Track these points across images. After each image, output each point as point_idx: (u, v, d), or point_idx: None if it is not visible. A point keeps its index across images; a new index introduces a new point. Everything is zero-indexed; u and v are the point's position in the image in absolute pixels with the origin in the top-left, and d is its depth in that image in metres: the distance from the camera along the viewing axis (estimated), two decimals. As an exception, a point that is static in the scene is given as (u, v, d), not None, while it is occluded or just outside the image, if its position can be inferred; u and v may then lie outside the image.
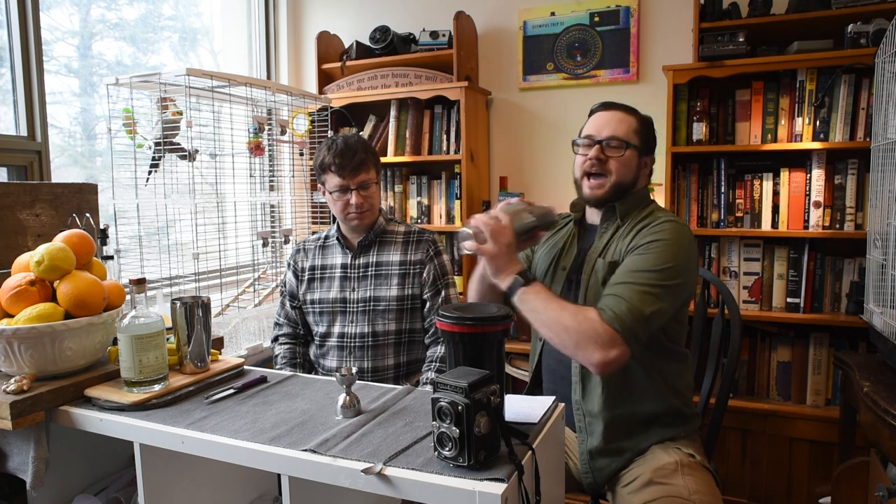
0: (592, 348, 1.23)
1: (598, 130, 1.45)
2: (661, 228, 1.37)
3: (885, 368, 1.68)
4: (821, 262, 2.23)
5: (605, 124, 1.45)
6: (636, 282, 1.29)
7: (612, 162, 1.43)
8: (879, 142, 1.76)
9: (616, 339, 1.23)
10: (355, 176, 1.74)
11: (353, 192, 1.74)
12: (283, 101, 2.41)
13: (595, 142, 1.45)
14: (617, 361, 1.25)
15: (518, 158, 2.85)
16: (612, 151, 1.43)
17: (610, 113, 1.47)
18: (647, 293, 1.27)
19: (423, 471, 0.93)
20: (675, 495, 1.27)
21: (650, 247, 1.34)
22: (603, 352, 1.23)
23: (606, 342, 1.23)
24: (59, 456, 1.34)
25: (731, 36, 2.20)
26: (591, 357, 1.24)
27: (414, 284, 1.79)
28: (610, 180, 1.44)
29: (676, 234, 1.35)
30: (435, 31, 2.74)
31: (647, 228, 1.39)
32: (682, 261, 1.33)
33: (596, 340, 1.23)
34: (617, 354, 1.24)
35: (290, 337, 1.92)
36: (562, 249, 1.54)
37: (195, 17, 2.91)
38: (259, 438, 1.06)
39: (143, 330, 1.21)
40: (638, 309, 1.25)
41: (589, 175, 1.46)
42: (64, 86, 2.27)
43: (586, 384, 1.41)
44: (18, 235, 1.56)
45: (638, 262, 1.33)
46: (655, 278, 1.29)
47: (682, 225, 1.39)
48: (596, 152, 1.43)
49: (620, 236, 1.42)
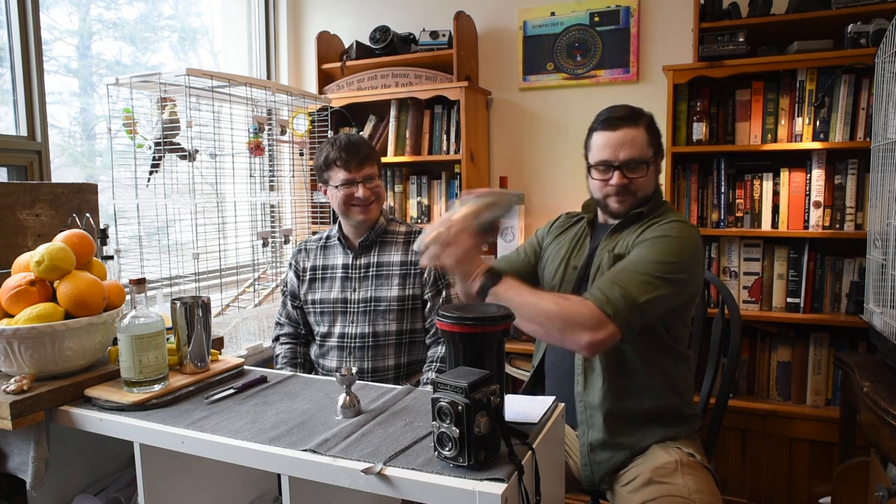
0: (580, 330, 1.21)
1: (614, 154, 1.42)
2: (671, 226, 1.37)
3: (885, 368, 1.68)
4: (821, 262, 2.23)
5: (619, 146, 1.41)
6: (635, 269, 1.29)
7: (636, 182, 1.43)
8: (879, 142, 1.76)
9: (603, 320, 1.21)
10: (361, 169, 1.75)
11: (359, 184, 1.75)
12: (283, 101, 2.41)
13: (614, 167, 1.42)
14: (605, 342, 1.23)
15: (518, 158, 2.85)
16: (634, 173, 1.42)
17: (620, 133, 1.42)
18: (644, 282, 1.26)
19: (423, 471, 0.93)
20: (674, 494, 1.27)
21: (656, 241, 1.34)
22: (591, 333, 1.21)
23: (594, 323, 1.21)
24: (59, 456, 1.34)
25: (731, 36, 2.20)
26: (579, 339, 1.22)
27: (415, 285, 1.79)
28: (635, 197, 1.44)
29: (684, 232, 1.36)
30: (435, 31, 2.74)
31: (655, 225, 1.39)
32: (686, 258, 1.33)
33: (582, 323, 1.21)
34: (605, 335, 1.21)
35: (291, 337, 1.92)
36: (573, 248, 1.55)
37: (195, 16, 2.91)
38: (259, 438, 1.06)
39: (143, 330, 1.21)
40: (631, 295, 1.24)
41: (614, 195, 1.45)
42: (64, 86, 2.27)
43: (588, 376, 1.41)
44: (18, 235, 1.56)
45: (641, 254, 1.33)
46: (656, 269, 1.28)
47: (691, 226, 1.40)
48: (619, 179, 1.42)
49: (630, 232, 1.43)
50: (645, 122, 1.45)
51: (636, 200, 1.45)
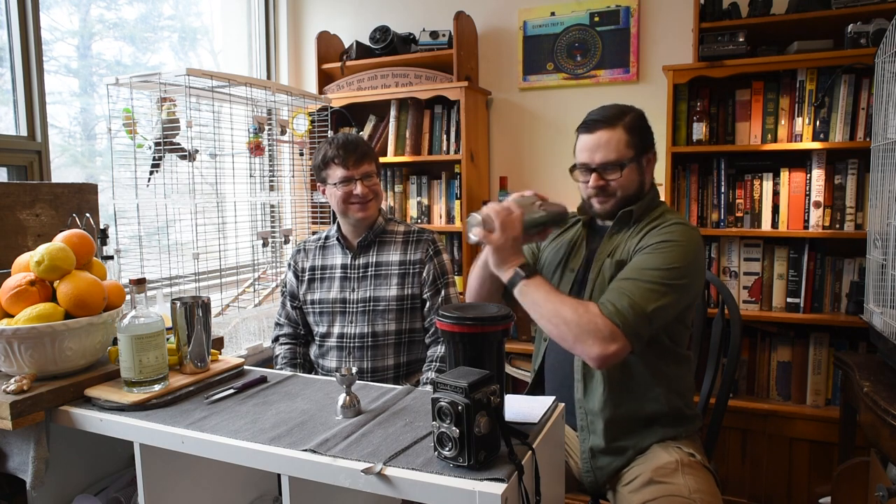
0: (592, 342, 1.23)
1: (591, 157, 1.43)
2: (672, 230, 1.37)
3: (885, 368, 1.68)
4: (821, 262, 2.23)
5: (595, 149, 1.42)
6: (641, 279, 1.29)
7: (613, 183, 1.43)
8: (879, 142, 1.76)
9: (616, 334, 1.23)
10: (359, 166, 1.75)
11: (357, 181, 1.75)
12: (283, 101, 2.41)
13: (591, 170, 1.44)
14: (616, 356, 1.24)
15: (518, 158, 2.85)
16: (610, 175, 1.42)
17: (596, 136, 1.42)
18: (650, 290, 1.27)
19: (423, 471, 0.93)
20: (675, 494, 1.27)
21: (658, 247, 1.34)
22: (602, 346, 1.23)
23: (606, 336, 1.23)
24: (59, 456, 1.34)
25: (731, 36, 2.20)
26: (590, 351, 1.24)
27: (413, 284, 1.79)
28: (616, 197, 1.44)
29: (686, 236, 1.36)
30: (435, 31, 2.74)
31: (656, 230, 1.39)
32: (689, 262, 1.33)
33: (595, 334, 1.23)
34: (616, 349, 1.23)
35: (291, 337, 1.92)
36: (570, 250, 1.54)
37: (195, 16, 2.91)
38: (259, 438, 1.06)
39: (143, 330, 1.21)
40: (640, 305, 1.25)
41: (594, 196, 1.46)
42: (64, 86, 2.27)
43: (588, 383, 1.41)
44: (18, 235, 1.56)
45: (645, 261, 1.33)
46: (661, 276, 1.29)
47: (693, 228, 1.40)
48: (595, 180, 1.43)
49: (629, 236, 1.43)
50: (626, 123, 1.42)
51: (618, 200, 1.44)
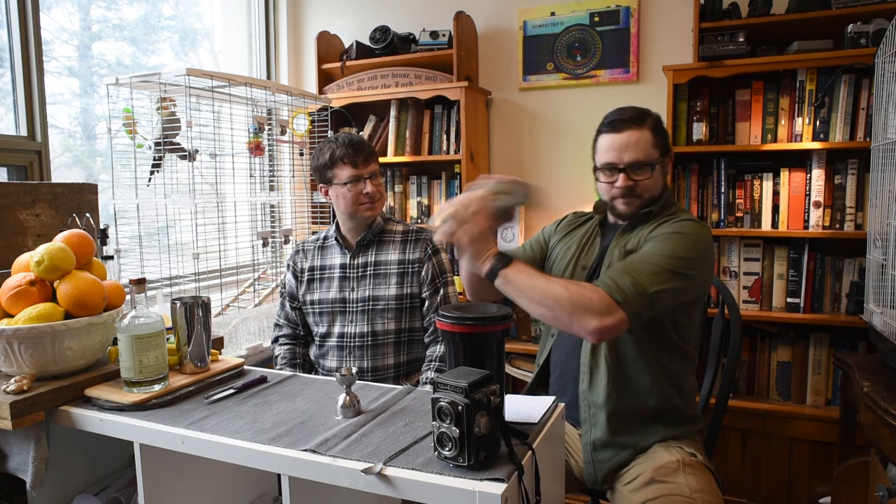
0: (588, 315, 1.20)
1: (618, 157, 1.42)
2: (683, 225, 1.37)
3: (885, 368, 1.68)
4: (821, 262, 2.23)
5: (623, 148, 1.41)
6: (646, 261, 1.29)
7: (641, 184, 1.43)
8: (879, 142, 1.76)
9: (612, 307, 1.21)
10: (367, 165, 1.76)
11: (366, 180, 1.75)
12: (283, 101, 2.41)
13: (619, 170, 1.42)
14: (614, 329, 1.22)
15: (518, 158, 2.85)
16: (639, 175, 1.42)
17: (624, 135, 1.42)
18: (654, 273, 1.26)
19: (423, 471, 0.93)
20: (676, 494, 1.27)
21: (668, 236, 1.34)
22: (599, 318, 1.20)
23: (602, 309, 1.20)
24: (59, 456, 1.34)
25: (731, 36, 2.20)
26: (587, 324, 1.21)
27: (412, 283, 1.79)
28: (642, 199, 1.45)
29: (697, 231, 1.36)
30: (435, 31, 2.74)
31: (668, 222, 1.40)
32: (697, 255, 1.33)
33: (590, 308, 1.20)
34: (613, 322, 1.21)
35: (290, 338, 1.92)
36: (582, 248, 1.55)
37: (195, 17, 2.91)
38: (259, 438, 1.06)
39: (143, 330, 1.21)
40: (642, 284, 1.24)
41: (620, 196, 1.45)
42: (64, 86, 2.27)
43: (594, 375, 1.42)
44: (18, 235, 1.56)
45: (652, 247, 1.33)
46: (667, 262, 1.29)
47: (704, 226, 1.40)
48: (624, 181, 1.42)
49: (641, 229, 1.44)
50: (650, 124, 1.44)
51: (643, 202, 1.45)
